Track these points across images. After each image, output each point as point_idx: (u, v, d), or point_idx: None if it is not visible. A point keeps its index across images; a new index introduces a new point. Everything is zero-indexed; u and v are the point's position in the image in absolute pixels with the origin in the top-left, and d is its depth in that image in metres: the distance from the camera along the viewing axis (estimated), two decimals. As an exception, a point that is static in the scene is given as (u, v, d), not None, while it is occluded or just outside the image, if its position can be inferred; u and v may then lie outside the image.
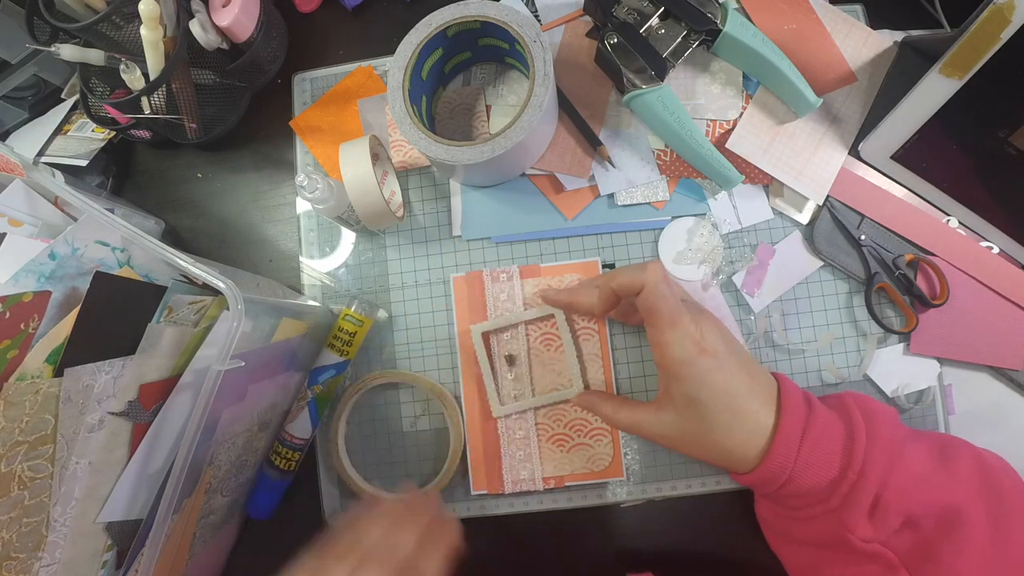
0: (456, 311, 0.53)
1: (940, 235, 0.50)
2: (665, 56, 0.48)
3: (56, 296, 0.37)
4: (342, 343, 0.51)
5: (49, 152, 0.58)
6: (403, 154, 0.54)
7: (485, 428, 0.51)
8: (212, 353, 0.37)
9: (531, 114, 0.45)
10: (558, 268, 0.52)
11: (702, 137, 0.49)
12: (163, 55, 0.49)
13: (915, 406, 0.50)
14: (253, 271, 0.56)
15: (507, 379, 0.51)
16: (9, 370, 0.35)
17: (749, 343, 0.51)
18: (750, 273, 0.51)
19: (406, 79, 0.47)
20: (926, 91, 0.46)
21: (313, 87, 0.58)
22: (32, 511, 0.34)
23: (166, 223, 0.59)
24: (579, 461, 0.50)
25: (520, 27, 0.46)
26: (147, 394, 0.36)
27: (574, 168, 0.52)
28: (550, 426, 0.51)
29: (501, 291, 0.52)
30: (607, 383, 0.51)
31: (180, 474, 0.34)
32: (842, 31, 0.52)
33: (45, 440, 0.35)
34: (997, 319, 0.50)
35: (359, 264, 0.55)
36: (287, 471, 0.50)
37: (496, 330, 0.52)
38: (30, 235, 0.42)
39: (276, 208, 0.58)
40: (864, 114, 0.51)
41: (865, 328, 0.51)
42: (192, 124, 0.55)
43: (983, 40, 0.42)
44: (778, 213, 0.52)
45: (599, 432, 0.51)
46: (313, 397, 0.50)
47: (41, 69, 0.59)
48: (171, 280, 0.40)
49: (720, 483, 0.50)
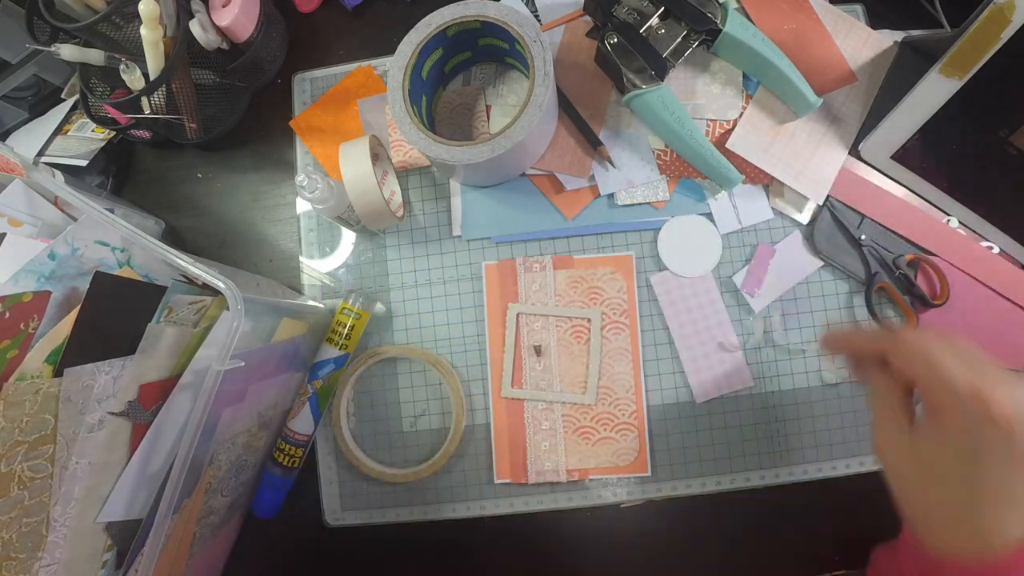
0: (487, 298, 0.53)
1: (940, 235, 0.50)
2: (665, 56, 0.48)
3: (56, 296, 0.37)
4: (341, 337, 0.51)
5: (49, 152, 0.58)
6: (403, 154, 0.54)
7: (511, 419, 0.51)
8: (212, 353, 0.37)
9: (531, 114, 0.45)
10: (591, 260, 0.53)
11: (702, 137, 0.49)
12: (163, 55, 0.49)
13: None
14: (253, 271, 0.56)
15: (535, 369, 0.51)
16: (9, 370, 0.35)
17: (749, 343, 0.51)
18: (750, 273, 0.51)
19: (406, 79, 0.47)
20: (926, 91, 0.46)
21: (313, 87, 0.58)
22: (32, 511, 0.34)
23: (166, 223, 0.59)
24: (604, 455, 0.50)
25: (520, 27, 0.46)
26: (147, 394, 0.36)
27: (574, 168, 0.52)
28: (576, 418, 0.51)
29: (533, 281, 0.52)
30: (635, 379, 0.51)
31: (180, 474, 0.34)
32: (842, 31, 0.52)
33: (45, 440, 0.35)
34: (998, 320, 0.50)
35: (359, 264, 0.55)
36: (290, 468, 0.50)
37: (529, 315, 0.52)
38: (30, 235, 0.42)
39: (276, 208, 0.58)
40: (864, 114, 0.51)
41: (865, 328, 0.51)
42: (192, 124, 0.55)
43: (983, 40, 0.42)
44: (778, 213, 0.52)
45: (626, 427, 0.51)
46: (314, 392, 0.50)
47: (41, 69, 0.59)
48: (171, 280, 0.40)
49: (733, 482, 0.50)
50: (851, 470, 0.50)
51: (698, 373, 0.51)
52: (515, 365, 0.52)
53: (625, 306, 0.52)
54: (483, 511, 0.51)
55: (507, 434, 0.51)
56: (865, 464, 0.50)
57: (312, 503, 0.52)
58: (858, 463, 0.50)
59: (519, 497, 0.51)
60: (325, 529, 0.52)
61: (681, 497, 0.51)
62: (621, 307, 0.52)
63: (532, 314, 0.52)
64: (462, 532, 0.52)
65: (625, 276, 0.52)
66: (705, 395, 0.51)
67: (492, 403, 0.52)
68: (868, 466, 0.50)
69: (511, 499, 0.51)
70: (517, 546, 0.52)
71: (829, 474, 0.50)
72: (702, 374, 0.51)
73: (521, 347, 0.52)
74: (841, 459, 0.50)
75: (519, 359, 0.52)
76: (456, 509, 0.51)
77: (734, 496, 0.51)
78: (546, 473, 0.50)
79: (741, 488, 0.50)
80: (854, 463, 0.50)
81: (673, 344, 0.51)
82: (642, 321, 0.52)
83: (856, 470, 0.50)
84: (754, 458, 0.50)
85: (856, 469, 0.50)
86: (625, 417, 0.51)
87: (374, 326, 0.54)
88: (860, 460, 0.50)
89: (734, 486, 0.50)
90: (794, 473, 0.50)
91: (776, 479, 0.50)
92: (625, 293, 0.52)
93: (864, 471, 0.50)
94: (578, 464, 0.51)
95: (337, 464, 0.53)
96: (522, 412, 0.51)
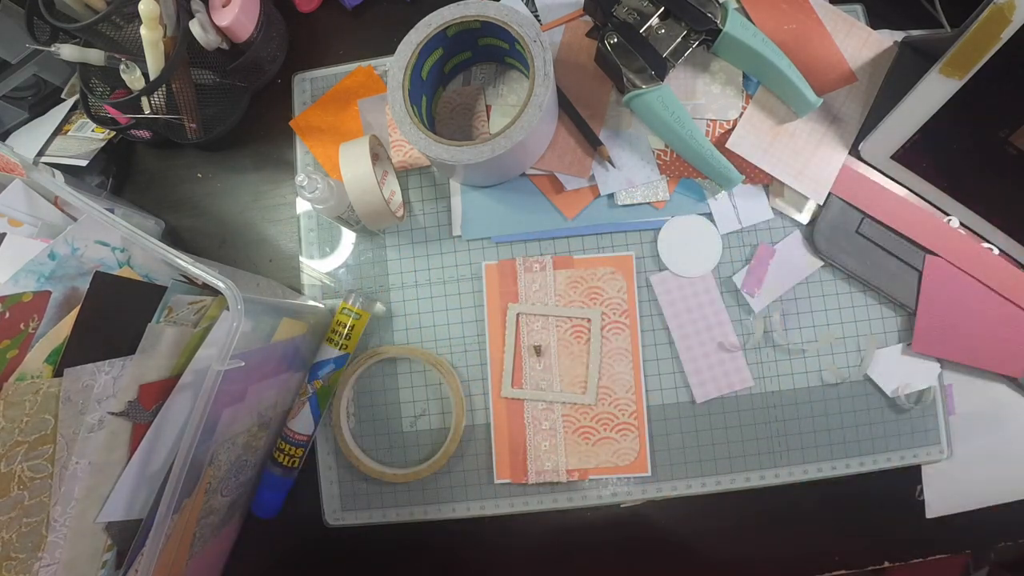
0: (487, 298, 0.53)
1: (940, 235, 0.50)
2: (665, 56, 0.48)
3: (56, 296, 0.37)
4: (341, 337, 0.51)
5: (49, 152, 0.58)
6: (403, 154, 0.54)
7: (511, 419, 0.51)
8: (212, 353, 0.37)
9: (531, 114, 0.45)
10: (591, 260, 0.53)
11: (702, 137, 0.49)
12: (163, 55, 0.49)
13: (915, 406, 0.50)
14: (253, 271, 0.56)
15: (536, 369, 0.51)
16: (9, 370, 0.35)
17: (749, 343, 0.51)
18: (750, 273, 0.51)
19: (406, 79, 0.47)
20: (926, 91, 0.46)
21: (313, 87, 0.58)
22: (32, 511, 0.34)
23: (166, 223, 0.59)
24: (604, 455, 0.51)
25: (520, 27, 0.46)
26: (147, 394, 0.36)
27: (574, 168, 0.52)
28: (576, 418, 0.51)
29: (533, 281, 0.52)
30: (635, 379, 0.51)
31: (180, 474, 0.34)
32: (842, 31, 0.52)
33: (45, 440, 0.35)
34: (998, 322, 0.50)
35: (359, 264, 0.55)
36: (290, 468, 0.50)
37: (529, 315, 0.52)
38: (30, 235, 0.42)
39: (276, 208, 0.58)
40: (864, 114, 0.51)
41: (865, 328, 0.51)
42: (192, 124, 0.55)
43: (983, 40, 0.42)
44: (778, 213, 0.52)
45: (626, 427, 0.51)
46: (314, 392, 0.50)
47: (41, 69, 0.59)
48: (171, 280, 0.40)
49: (733, 482, 0.50)
50: (851, 470, 0.50)
51: (698, 373, 0.51)
52: (515, 365, 0.52)
53: (625, 306, 0.52)
54: (483, 511, 0.51)
55: (507, 434, 0.51)
56: (865, 464, 0.50)
57: (312, 503, 0.52)
58: (858, 463, 0.50)
59: (519, 497, 0.51)
60: (325, 529, 0.52)
61: (681, 497, 0.51)
62: (621, 307, 0.52)
63: (532, 314, 0.52)
64: (462, 532, 0.52)
65: (625, 276, 0.52)
66: (705, 395, 0.51)
67: (492, 403, 0.52)
68: (868, 466, 0.50)
69: (511, 499, 0.51)
70: (517, 546, 0.52)
71: (829, 474, 0.50)
72: (702, 374, 0.51)
73: (521, 347, 0.52)
74: (841, 459, 0.50)
75: (519, 359, 0.52)
76: (456, 509, 0.51)
77: (734, 496, 0.51)
78: (546, 473, 0.50)
79: (741, 488, 0.50)
80: (854, 463, 0.50)
81: (673, 344, 0.51)
82: (642, 321, 0.52)
83: (856, 470, 0.50)
84: (754, 458, 0.50)
85: (856, 469, 0.50)
86: (625, 417, 0.51)
87: (374, 326, 0.54)
88: (860, 460, 0.50)
89: (734, 486, 0.50)
90: (794, 473, 0.50)
91: (776, 479, 0.50)
92: (625, 293, 0.52)
93: (864, 471, 0.50)
94: (578, 464, 0.51)
95: (337, 464, 0.53)
96: (522, 412, 0.51)
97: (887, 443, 0.50)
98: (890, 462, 0.50)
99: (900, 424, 0.50)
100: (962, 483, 0.50)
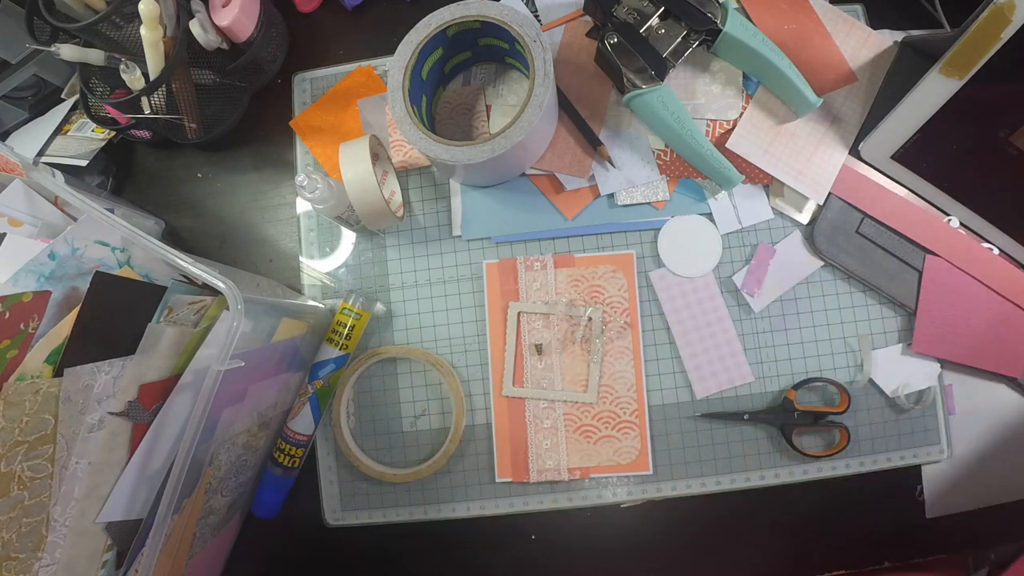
0: (488, 296, 0.53)
1: (940, 235, 0.50)
2: (665, 56, 0.48)
3: (56, 296, 0.37)
4: (341, 337, 0.51)
5: (49, 152, 0.58)
6: (403, 154, 0.54)
7: (512, 417, 0.51)
8: (212, 353, 0.37)
9: (531, 114, 0.45)
10: (592, 259, 0.53)
11: (702, 137, 0.49)
12: (163, 55, 0.49)
13: (915, 406, 0.50)
14: (253, 271, 0.56)
15: (537, 367, 0.51)
16: (9, 370, 0.35)
17: (749, 344, 0.51)
18: (750, 273, 0.51)
19: (406, 79, 0.47)
20: (926, 91, 0.46)
21: (313, 87, 0.58)
22: (32, 511, 0.34)
23: (166, 223, 0.59)
24: (605, 453, 0.51)
25: (520, 27, 0.46)
26: (147, 394, 0.36)
27: (574, 168, 0.52)
28: (578, 417, 0.51)
29: (535, 279, 0.52)
30: (636, 377, 0.51)
31: (180, 474, 0.34)
32: (842, 31, 0.52)
33: (45, 440, 0.35)
34: (998, 322, 0.50)
35: (359, 264, 0.55)
36: (290, 468, 0.50)
37: (530, 313, 0.52)
38: (30, 235, 0.42)
39: (276, 208, 0.58)
40: (864, 114, 0.51)
41: (865, 328, 0.51)
42: (192, 124, 0.55)
43: (983, 40, 0.42)
44: (778, 213, 0.52)
45: (627, 425, 0.51)
46: (314, 392, 0.50)
47: (41, 69, 0.59)
48: (171, 280, 0.40)
49: (733, 482, 0.50)
50: (851, 470, 0.50)
51: (698, 368, 0.51)
52: (516, 364, 0.52)
53: (626, 304, 0.52)
54: (483, 511, 0.51)
55: (508, 433, 0.51)
56: (865, 464, 0.50)
57: (312, 503, 0.52)
58: (858, 463, 0.50)
59: (519, 497, 0.51)
60: (325, 529, 0.52)
61: (681, 497, 0.51)
62: (622, 305, 0.52)
63: (533, 313, 0.52)
64: (462, 532, 0.52)
65: (626, 274, 0.52)
66: (706, 391, 0.51)
67: (493, 402, 0.52)
68: (868, 466, 0.50)
69: (511, 499, 0.51)
70: (517, 546, 0.52)
71: (829, 474, 0.50)
72: (702, 369, 0.51)
73: (522, 346, 0.52)
74: (841, 459, 0.50)
75: (520, 358, 0.52)
76: (456, 509, 0.51)
77: (734, 496, 0.51)
78: (547, 472, 0.50)
79: (741, 488, 0.50)
80: (854, 463, 0.50)
81: (673, 344, 0.52)
82: (643, 320, 0.52)
83: (856, 470, 0.50)
84: (754, 458, 0.50)
85: (856, 469, 0.50)
86: (626, 415, 0.51)
87: (374, 326, 0.54)
88: (860, 460, 0.50)
89: (734, 486, 0.50)
90: (794, 473, 0.50)
91: (776, 479, 0.50)
92: (626, 291, 0.52)
93: (864, 471, 0.50)
94: (579, 463, 0.51)
95: (337, 464, 0.53)
96: (523, 411, 0.51)
97: (887, 443, 0.50)
98: (890, 462, 0.50)
99: (900, 424, 0.50)
100: (962, 483, 0.50)
